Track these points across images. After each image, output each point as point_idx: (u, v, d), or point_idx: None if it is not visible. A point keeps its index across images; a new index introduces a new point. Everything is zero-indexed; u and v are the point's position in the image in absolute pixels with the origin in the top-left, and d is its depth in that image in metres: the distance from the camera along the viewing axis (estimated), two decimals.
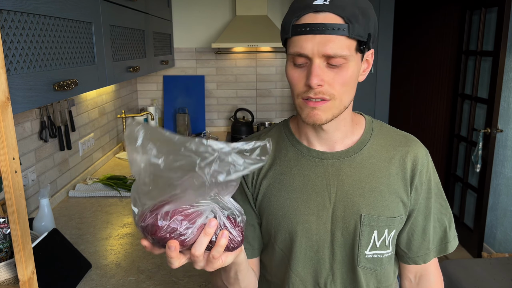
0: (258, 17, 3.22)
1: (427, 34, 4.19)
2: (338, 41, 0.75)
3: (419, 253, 0.94)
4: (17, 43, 0.99)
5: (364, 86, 4.14)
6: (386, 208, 0.87)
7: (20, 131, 1.69)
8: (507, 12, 2.74)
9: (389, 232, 0.89)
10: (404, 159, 0.90)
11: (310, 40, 0.75)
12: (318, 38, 0.75)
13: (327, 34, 0.74)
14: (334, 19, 0.74)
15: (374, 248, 0.89)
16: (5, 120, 0.83)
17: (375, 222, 0.87)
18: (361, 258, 0.89)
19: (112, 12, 1.69)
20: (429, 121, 4.18)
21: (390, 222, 0.88)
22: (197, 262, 0.66)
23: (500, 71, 2.84)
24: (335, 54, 0.75)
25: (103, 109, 2.66)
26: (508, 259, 2.44)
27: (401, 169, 0.89)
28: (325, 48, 0.74)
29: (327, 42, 0.74)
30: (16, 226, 0.89)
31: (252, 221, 0.95)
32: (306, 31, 0.75)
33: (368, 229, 0.87)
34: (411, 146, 0.91)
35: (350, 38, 0.76)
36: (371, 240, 0.88)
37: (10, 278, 1.10)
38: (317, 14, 0.75)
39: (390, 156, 0.90)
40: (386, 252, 0.91)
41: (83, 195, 2.06)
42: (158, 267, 1.42)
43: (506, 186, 2.93)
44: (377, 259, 0.90)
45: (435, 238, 0.95)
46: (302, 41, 0.76)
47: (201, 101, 3.51)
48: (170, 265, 0.66)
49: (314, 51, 0.75)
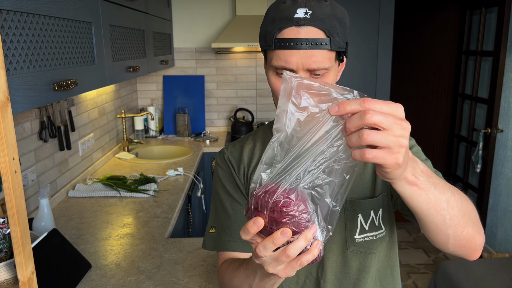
0: (258, 17, 3.22)
1: (427, 34, 4.19)
2: (320, 54, 0.77)
3: None
4: (17, 43, 0.99)
5: (364, 86, 4.14)
6: (367, 190, 0.89)
7: (20, 131, 1.69)
8: (507, 12, 2.74)
9: (375, 213, 0.89)
10: None
11: (295, 55, 0.77)
12: (302, 53, 0.77)
13: (311, 49, 0.76)
14: (316, 33, 0.77)
15: (363, 231, 0.89)
16: (5, 120, 0.83)
17: (358, 206, 0.88)
18: (350, 243, 0.89)
19: (112, 12, 1.69)
20: (429, 121, 4.18)
21: (374, 203, 0.89)
22: (281, 262, 0.60)
23: (500, 71, 2.84)
24: (318, 67, 0.77)
25: (103, 109, 2.66)
26: (508, 259, 2.44)
27: None
28: (309, 63, 0.77)
29: (311, 57, 0.77)
30: (16, 226, 0.89)
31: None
32: (290, 46, 0.77)
33: (352, 213, 0.88)
34: None
35: (331, 51, 0.78)
36: (358, 224, 0.89)
37: (9, 278, 1.09)
38: (299, 28, 0.77)
39: None
40: (378, 232, 0.90)
41: (83, 195, 2.06)
42: (158, 267, 1.42)
43: (506, 186, 2.93)
44: (370, 242, 0.90)
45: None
46: (286, 55, 0.78)
47: (201, 101, 3.51)
48: (261, 249, 0.60)
49: (299, 66, 0.77)
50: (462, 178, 3.41)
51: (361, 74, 3.86)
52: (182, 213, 2.09)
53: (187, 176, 2.39)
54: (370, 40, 3.80)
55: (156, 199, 2.02)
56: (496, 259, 2.46)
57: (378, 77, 3.90)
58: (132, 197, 2.05)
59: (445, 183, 0.67)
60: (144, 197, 2.05)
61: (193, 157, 2.79)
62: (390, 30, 3.79)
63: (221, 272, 0.91)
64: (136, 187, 2.14)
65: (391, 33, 3.80)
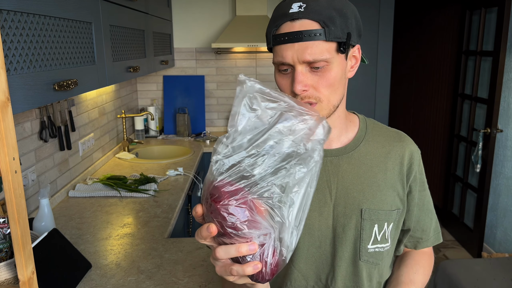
0: (258, 17, 3.22)
1: (427, 34, 4.19)
2: (316, 46, 0.77)
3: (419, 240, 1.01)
4: (17, 43, 0.99)
5: (364, 86, 4.14)
6: (384, 202, 0.90)
7: (20, 131, 1.69)
8: (507, 12, 2.74)
9: (388, 225, 0.91)
10: (400, 154, 0.94)
11: (290, 49, 0.78)
12: (296, 46, 0.77)
13: (304, 41, 0.76)
14: (310, 25, 0.77)
15: (375, 242, 0.91)
16: (5, 120, 0.83)
17: (376, 216, 0.89)
18: (363, 252, 0.90)
19: (112, 12, 1.69)
20: (429, 121, 4.18)
21: (389, 216, 0.90)
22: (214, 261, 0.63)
23: (500, 71, 2.84)
24: (314, 59, 0.77)
25: (103, 109, 2.66)
26: (508, 259, 2.44)
27: (397, 163, 0.93)
28: (304, 55, 0.77)
29: (305, 49, 0.77)
30: (16, 226, 0.89)
31: None
32: (284, 41, 0.78)
33: (369, 223, 0.89)
34: (405, 141, 0.96)
35: (328, 41, 0.78)
36: (373, 234, 0.90)
37: (10, 278, 1.10)
38: (294, 22, 0.77)
39: (386, 152, 0.93)
40: (386, 245, 0.93)
41: (83, 195, 2.06)
42: (158, 267, 1.42)
43: (506, 186, 2.93)
44: (378, 253, 0.92)
45: (430, 227, 1.01)
46: (282, 50, 0.79)
47: (201, 101, 3.51)
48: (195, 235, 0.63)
49: (295, 59, 0.78)
50: (462, 178, 3.41)
51: (361, 74, 3.87)
52: (182, 213, 2.09)
53: (187, 176, 2.39)
54: (370, 40, 3.80)
55: (156, 199, 2.03)
56: (496, 259, 2.46)
57: (378, 77, 3.90)
58: (132, 197, 2.05)
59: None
60: (144, 197, 2.05)
61: (193, 157, 2.80)
62: (390, 30, 3.79)
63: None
64: (136, 187, 2.14)
65: (391, 33, 3.80)
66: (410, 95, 4.66)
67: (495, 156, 3.03)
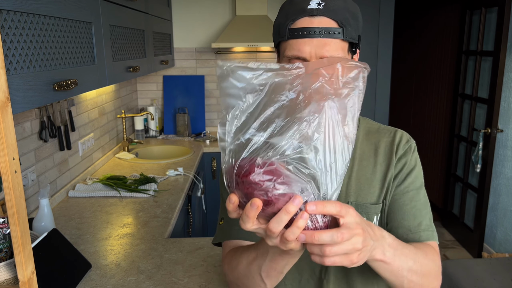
0: (258, 17, 3.22)
1: (427, 34, 4.19)
2: (333, 44, 0.78)
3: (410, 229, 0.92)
4: (17, 43, 0.99)
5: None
6: (373, 195, 0.90)
7: (20, 131, 1.69)
8: (507, 12, 2.74)
9: (377, 218, 0.92)
10: (390, 141, 0.93)
11: (308, 44, 0.78)
12: (315, 42, 0.78)
13: (323, 37, 0.78)
14: (329, 23, 0.78)
15: None
16: (5, 120, 0.83)
17: (363, 209, 0.90)
18: None
19: (112, 12, 1.69)
20: (429, 121, 4.18)
21: (377, 209, 0.91)
22: (270, 237, 0.61)
23: (500, 71, 2.84)
24: (331, 56, 0.78)
25: (103, 109, 2.66)
26: (508, 259, 2.44)
27: (387, 151, 0.92)
28: (322, 51, 0.78)
29: (324, 45, 0.78)
30: (16, 226, 0.89)
31: None
32: (303, 35, 0.78)
33: None
34: (398, 132, 0.96)
35: (344, 41, 0.79)
36: None
37: (10, 278, 1.10)
38: (312, 18, 0.78)
39: (377, 146, 0.94)
40: None
41: (83, 195, 2.06)
42: (158, 267, 1.42)
43: (506, 186, 2.93)
44: None
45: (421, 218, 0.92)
46: (299, 44, 0.79)
47: (201, 101, 3.51)
48: (241, 222, 0.61)
49: (312, 54, 0.78)
50: (462, 178, 3.41)
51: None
52: (182, 213, 2.09)
53: (187, 176, 2.39)
54: (370, 40, 3.80)
55: (156, 199, 2.02)
56: (496, 259, 2.46)
57: (378, 77, 3.90)
58: (132, 197, 2.05)
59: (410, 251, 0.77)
60: (144, 197, 2.05)
61: (193, 157, 2.80)
62: (390, 30, 3.79)
63: (227, 259, 0.89)
64: (136, 187, 2.14)
65: (391, 33, 3.79)
66: (410, 95, 4.66)
67: (495, 156, 3.03)
